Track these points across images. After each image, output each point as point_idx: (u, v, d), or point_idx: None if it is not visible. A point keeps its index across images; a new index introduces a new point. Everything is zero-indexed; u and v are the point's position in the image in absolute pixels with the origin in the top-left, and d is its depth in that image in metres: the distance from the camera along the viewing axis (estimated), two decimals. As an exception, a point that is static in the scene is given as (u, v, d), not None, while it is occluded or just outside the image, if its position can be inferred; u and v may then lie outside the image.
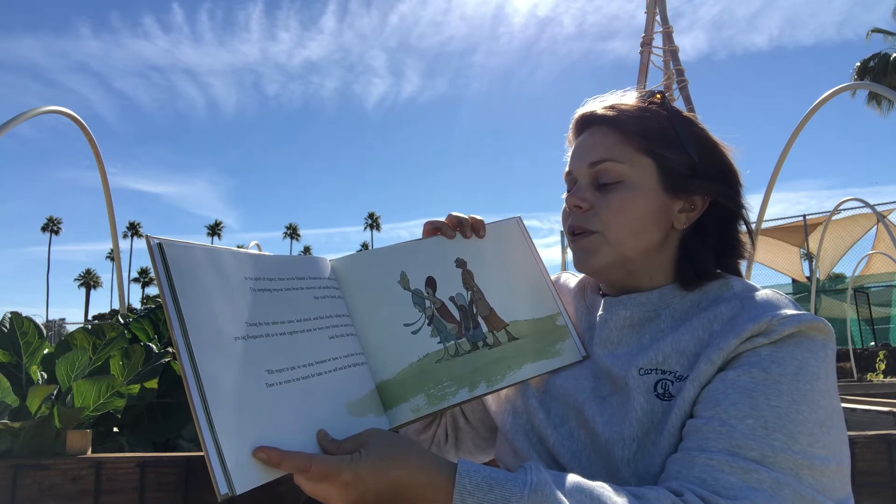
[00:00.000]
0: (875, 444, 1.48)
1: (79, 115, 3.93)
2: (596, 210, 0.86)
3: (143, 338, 2.34)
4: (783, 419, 0.68)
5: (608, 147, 0.86)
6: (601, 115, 0.89)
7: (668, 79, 14.11)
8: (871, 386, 5.98)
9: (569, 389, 0.87)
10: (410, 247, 0.90)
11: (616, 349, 0.86)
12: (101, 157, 4.25)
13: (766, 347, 0.73)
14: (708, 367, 0.74)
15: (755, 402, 0.69)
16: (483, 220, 0.96)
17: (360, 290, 0.85)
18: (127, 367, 1.83)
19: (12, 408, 1.61)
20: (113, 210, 4.40)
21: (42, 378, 1.85)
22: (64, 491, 1.38)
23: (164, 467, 1.42)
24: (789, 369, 0.71)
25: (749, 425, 0.68)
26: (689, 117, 0.89)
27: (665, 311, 0.85)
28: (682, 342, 0.79)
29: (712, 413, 0.70)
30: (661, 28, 14.09)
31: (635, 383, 0.79)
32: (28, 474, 1.38)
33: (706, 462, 0.67)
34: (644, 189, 0.85)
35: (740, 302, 0.80)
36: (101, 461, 1.41)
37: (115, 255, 4.51)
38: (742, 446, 0.67)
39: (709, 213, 0.87)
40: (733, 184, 0.88)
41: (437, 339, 0.85)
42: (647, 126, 0.86)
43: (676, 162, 0.85)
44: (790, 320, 0.73)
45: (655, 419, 0.76)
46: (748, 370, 0.72)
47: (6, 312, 1.80)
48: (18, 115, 3.17)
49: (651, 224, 0.85)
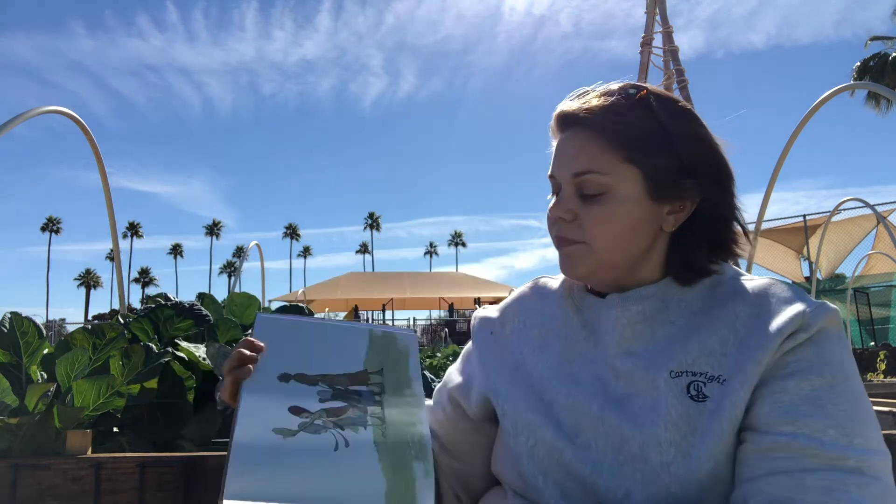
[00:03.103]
0: (875, 444, 1.47)
1: (74, 115, 3.93)
2: (581, 221, 0.84)
3: (143, 338, 2.34)
4: (854, 421, 0.70)
5: (591, 157, 0.82)
6: (583, 117, 0.84)
7: (668, 79, 14.10)
8: (871, 386, 5.97)
9: (578, 398, 0.83)
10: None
11: (632, 346, 0.83)
12: (101, 157, 4.25)
13: (808, 349, 0.73)
14: (755, 368, 0.73)
15: (826, 411, 0.70)
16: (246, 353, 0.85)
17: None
18: (127, 367, 1.83)
19: (12, 408, 1.61)
20: (113, 210, 4.39)
21: (42, 378, 1.85)
22: (64, 491, 1.38)
23: (164, 467, 1.42)
24: (837, 368, 0.73)
25: (832, 436, 0.69)
26: (678, 111, 0.85)
27: (672, 302, 0.84)
28: (709, 343, 0.78)
29: (793, 428, 0.70)
30: (661, 28, 14.09)
31: (667, 386, 0.77)
32: (28, 474, 1.38)
33: (817, 483, 0.67)
34: (629, 200, 0.82)
35: (756, 298, 0.79)
36: (101, 461, 1.41)
37: (115, 255, 4.50)
38: (839, 458, 0.68)
39: (700, 211, 0.84)
40: (724, 181, 0.85)
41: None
42: (632, 132, 0.81)
43: (663, 167, 0.82)
44: (819, 313, 0.74)
45: (692, 421, 0.75)
46: (805, 377, 0.72)
47: (6, 312, 1.80)
48: (19, 115, 3.17)
49: (638, 233, 0.83)
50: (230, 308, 2.87)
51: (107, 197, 4.40)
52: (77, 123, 3.95)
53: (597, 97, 0.85)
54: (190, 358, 2.18)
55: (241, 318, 2.82)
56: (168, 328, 2.41)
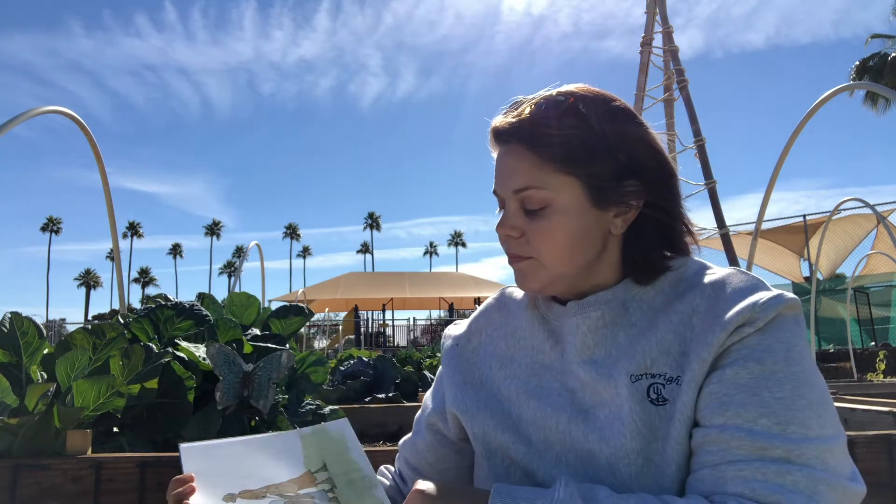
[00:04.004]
0: (875, 444, 1.47)
1: (74, 115, 3.93)
2: (527, 237, 0.83)
3: (143, 338, 2.34)
4: (791, 409, 0.68)
5: (527, 173, 0.81)
6: (514, 132, 0.83)
7: (668, 79, 14.09)
8: (871, 386, 5.96)
9: (546, 411, 0.82)
10: None
11: (594, 353, 0.82)
12: (101, 157, 4.25)
13: (753, 338, 0.72)
14: (701, 366, 0.73)
15: (761, 399, 0.69)
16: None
17: None
18: (127, 367, 1.83)
19: (11, 408, 1.61)
20: (113, 210, 4.39)
21: (42, 378, 1.85)
22: (64, 491, 1.38)
23: (164, 467, 1.42)
24: (780, 355, 0.71)
25: (764, 425, 0.67)
26: (609, 112, 0.83)
27: (632, 303, 0.83)
28: (667, 341, 0.77)
29: (724, 420, 0.69)
30: (661, 28, 14.07)
31: (629, 391, 0.76)
32: (28, 474, 1.38)
33: (737, 475, 0.66)
34: (572, 210, 0.81)
35: (713, 290, 0.78)
36: (101, 461, 1.41)
37: (115, 255, 4.50)
38: (765, 447, 0.66)
39: (647, 208, 0.83)
40: (664, 175, 0.84)
41: None
42: (565, 143, 0.80)
43: (602, 173, 0.80)
44: (771, 304, 0.72)
45: (654, 427, 0.74)
46: (744, 365, 0.71)
47: (6, 312, 1.80)
48: (19, 115, 3.17)
49: (585, 242, 0.82)
50: (230, 308, 2.87)
51: (107, 197, 4.40)
52: (77, 123, 3.94)
53: (527, 111, 0.83)
54: (190, 358, 2.18)
55: (241, 319, 2.82)
56: (168, 328, 2.41)
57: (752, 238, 4.76)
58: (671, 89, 14.13)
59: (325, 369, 2.88)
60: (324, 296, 25.92)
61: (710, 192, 13.25)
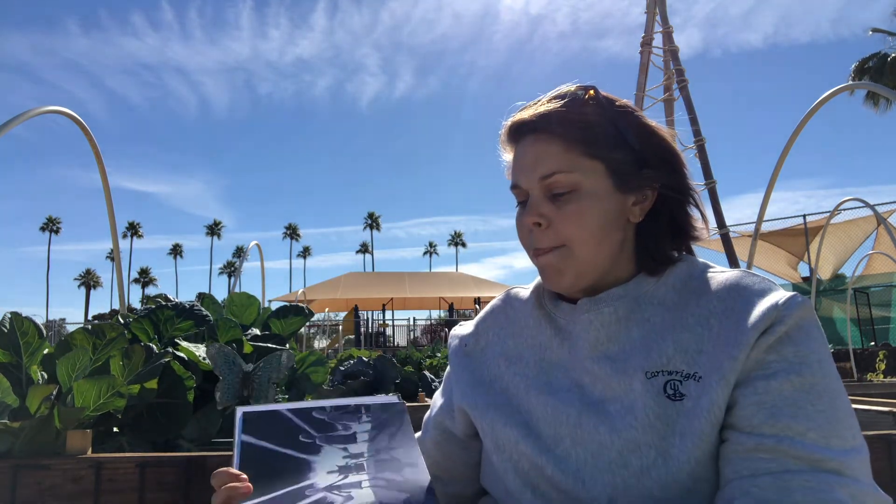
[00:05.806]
0: (875, 444, 1.48)
1: (74, 115, 3.93)
2: (554, 225, 0.83)
3: (143, 338, 2.34)
4: (831, 422, 0.71)
5: (555, 157, 0.83)
6: (540, 122, 0.85)
7: (668, 79, 14.11)
8: (871, 386, 5.97)
9: (556, 406, 0.83)
10: None
11: (608, 349, 0.83)
12: (101, 157, 4.25)
13: (787, 347, 0.74)
14: (732, 365, 0.73)
15: (807, 412, 0.71)
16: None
17: None
18: (127, 367, 1.83)
19: (12, 408, 1.61)
20: (113, 210, 4.40)
21: (42, 378, 1.85)
22: (64, 491, 1.38)
23: (164, 467, 1.42)
24: (815, 367, 0.73)
25: (812, 438, 0.70)
26: (624, 108, 0.87)
27: (644, 300, 0.84)
28: (683, 340, 0.78)
29: (776, 430, 0.71)
30: (661, 28, 14.09)
31: (644, 387, 0.77)
32: (28, 474, 1.38)
33: (802, 485, 0.68)
34: (599, 194, 0.83)
35: (727, 292, 0.80)
36: (101, 461, 1.41)
37: (115, 255, 4.50)
38: (820, 460, 0.69)
39: (659, 200, 0.87)
40: (678, 168, 0.88)
41: None
42: (590, 128, 0.83)
43: (623, 159, 0.84)
44: (790, 304, 0.75)
45: (670, 421, 0.75)
46: (786, 377, 0.72)
47: (6, 312, 1.80)
48: (18, 115, 3.17)
49: (612, 226, 0.84)
50: (230, 308, 2.87)
51: (107, 197, 4.40)
52: (77, 123, 3.95)
53: (547, 103, 0.86)
54: (190, 358, 2.18)
55: (241, 319, 2.83)
56: (168, 328, 2.41)
57: (753, 238, 4.76)
58: (671, 89, 14.16)
59: (325, 369, 2.89)
60: (324, 296, 25.92)
61: (710, 192, 13.28)
